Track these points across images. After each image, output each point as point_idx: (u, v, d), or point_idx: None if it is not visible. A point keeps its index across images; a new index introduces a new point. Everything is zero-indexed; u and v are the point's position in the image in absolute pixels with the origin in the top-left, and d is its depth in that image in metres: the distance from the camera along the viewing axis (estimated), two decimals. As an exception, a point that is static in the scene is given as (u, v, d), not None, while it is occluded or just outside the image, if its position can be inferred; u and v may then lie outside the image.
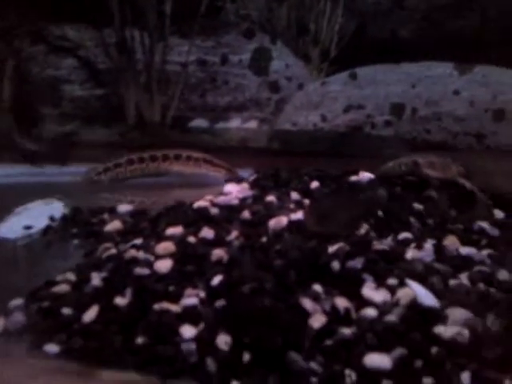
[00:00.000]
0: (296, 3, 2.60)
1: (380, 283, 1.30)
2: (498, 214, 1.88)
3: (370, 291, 1.26)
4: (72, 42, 2.51)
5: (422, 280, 1.30)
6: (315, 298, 1.25)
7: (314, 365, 1.07)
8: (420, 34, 2.38)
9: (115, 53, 2.50)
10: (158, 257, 1.46)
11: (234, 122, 2.56)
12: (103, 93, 2.52)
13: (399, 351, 1.09)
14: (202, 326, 1.17)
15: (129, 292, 1.28)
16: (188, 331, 1.15)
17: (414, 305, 1.20)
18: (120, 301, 1.26)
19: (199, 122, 2.55)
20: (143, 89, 2.49)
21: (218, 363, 1.08)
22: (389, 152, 2.27)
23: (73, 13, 2.34)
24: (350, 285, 1.30)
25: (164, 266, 1.41)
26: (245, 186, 2.09)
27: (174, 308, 1.22)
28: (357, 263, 1.40)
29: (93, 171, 2.23)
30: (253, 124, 2.59)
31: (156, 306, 1.22)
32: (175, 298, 1.26)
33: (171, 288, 1.30)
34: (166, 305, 1.23)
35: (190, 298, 1.25)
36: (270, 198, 1.93)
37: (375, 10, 2.43)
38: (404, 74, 2.34)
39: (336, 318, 1.19)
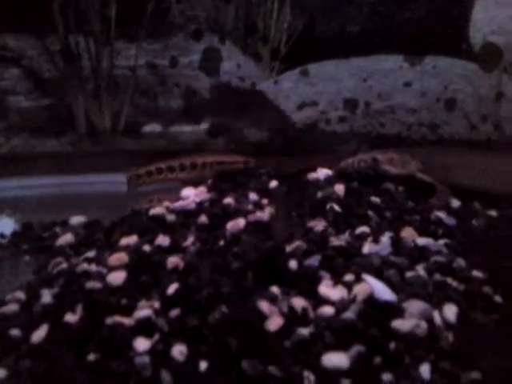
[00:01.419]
0: (243, 2, 2.58)
1: (337, 280, 1.30)
2: (455, 203, 1.90)
3: (326, 289, 1.25)
4: (14, 52, 2.43)
5: (379, 274, 1.30)
6: (272, 299, 1.23)
7: (272, 369, 1.04)
8: (368, 28, 2.39)
9: (60, 61, 2.42)
10: (111, 269, 1.42)
11: (188, 125, 2.53)
12: (50, 102, 2.45)
13: (357, 349, 1.08)
14: (156, 337, 1.14)
15: (80, 307, 1.23)
16: (142, 344, 1.11)
17: (371, 300, 1.19)
18: (70, 318, 1.21)
19: (152, 127, 2.50)
20: (92, 96, 2.43)
21: (173, 375, 1.05)
22: (345, 148, 2.28)
23: (12, 21, 2.26)
24: (307, 284, 1.29)
25: (117, 278, 1.37)
26: (202, 189, 2.05)
27: (127, 321, 1.18)
28: (314, 261, 1.39)
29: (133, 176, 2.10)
30: (207, 126, 2.55)
31: (108, 320, 1.18)
32: (128, 310, 1.22)
33: (124, 301, 1.26)
34: (118, 318, 1.18)
35: (144, 310, 1.21)
36: (228, 200, 1.90)
37: (323, 5, 2.43)
38: (355, 68, 2.34)
39: (293, 318, 1.17)
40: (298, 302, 1.21)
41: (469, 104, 2.18)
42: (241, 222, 1.68)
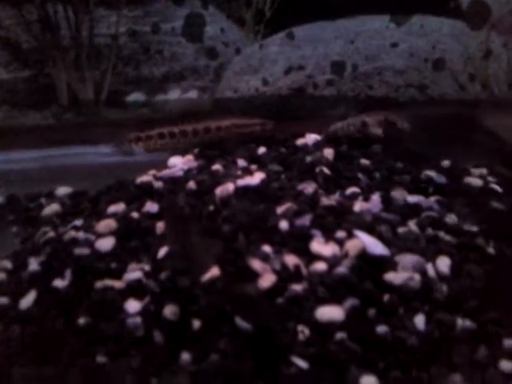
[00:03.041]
0: (225, -36, 2.51)
1: (328, 237, 1.28)
2: (445, 162, 1.89)
3: (318, 246, 1.24)
4: (-11, 22, 2.35)
5: (371, 230, 1.28)
6: (264, 258, 1.22)
7: (265, 325, 1.03)
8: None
9: (38, 30, 2.35)
10: (99, 235, 1.39)
11: (173, 93, 2.47)
12: (30, 74, 2.38)
13: (351, 302, 1.07)
14: (147, 299, 1.12)
15: (68, 273, 1.21)
16: (133, 306, 1.10)
17: (364, 255, 1.18)
18: (59, 283, 1.19)
19: (136, 96, 2.45)
20: (73, 66, 2.36)
21: (165, 335, 1.03)
22: (333, 112, 2.25)
23: (-15, -10, 2.19)
24: (298, 242, 1.27)
25: (106, 243, 1.35)
26: (189, 157, 2.02)
27: (118, 284, 1.17)
28: (305, 220, 1.37)
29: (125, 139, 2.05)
30: (193, 94, 2.50)
31: (98, 284, 1.16)
32: (118, 274, 1.20)
33: (113, 265, 1.24)
34: (108, 282, 1.17)
35: (134, 273, 1.20)
36: (216, 166, 1.87)
37: (307, -34, 2.38)
38: (341, 30, 2.30)
39: (286, 275, 1.16)
40: (291, 260, 1.20)
41: (457, 63, 2.15)
42: (230, 187, 1.65)
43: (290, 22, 2.40)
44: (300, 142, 2.09)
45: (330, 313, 1.04)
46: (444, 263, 1.18)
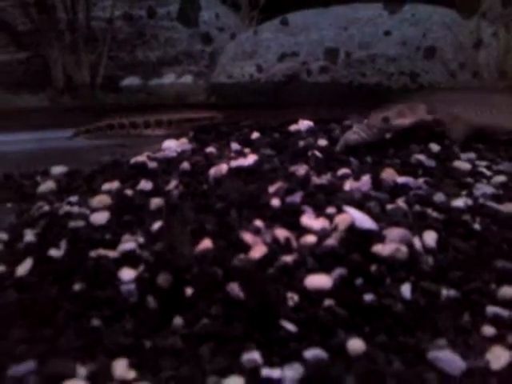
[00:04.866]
0: (221, -51, 2.53)
1: (319, 213, 1.31)
2: (435, 147, 1.92)
3: (308, 220, 1.27)
4: (-16, 4, 2.36)
5: (360, 206, 1.31)
6: (256, 231, 1.25)
7: (256, 291, 1.06)
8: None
9: (35, 13, 2.36)
10: (94, 210, 1.42)
11: (168, 78, 2.49)
12: (26, 56, 2.39)
13: (339, 271, 1.10)
14: (141, 268, 1.15)
15: (64, 243, 1.24)
16: (127, 274, 1.13)
17: (352, 228, 1.21)
18: (55, 252, 1.21)
19: (131, 80, 2.46)
20: (69, 49, 2.37)
21: (159, 300, 1.06)
22: (325, 99, 2.27)
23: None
24: (289, 217, 1.30)
25: (100, 217, 1.37)
26: (184, 140, 2.05)
27: (112, 254, 1.19)
28: (296, 197, 1.40)
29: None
30: (188, 78, 2.52)
31: (92, 253, 1.19)
32: (112, 244, 1.23)
33: (108, 236, 1.27)
34: (103, 251, 1.19)
35: (129, 243, 1.23)
36: (210, 149, 1.90)
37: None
38: (335, 17, 2.33)
39: (277, 247, 1.19)
40: (281, 233, 1.23)
41: (448, 52, 2.19)
42: (223, 168, 1.68)
43: (284, 9, 2.42)
44: (293, 127, 2.13)
45: (318, 281, 1.07)
46: (430, 237, 1.21)
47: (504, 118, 1.82)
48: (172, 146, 1.99)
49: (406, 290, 1.08)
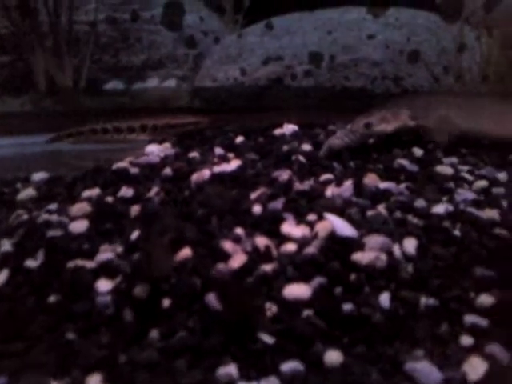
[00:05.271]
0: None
1: (300, 220, 1.31)
2: (418, 151, 1.92)
3: (289, 228, 1.26)
4: (-34, 7, 2.33)
5: (341, 213, 1.31)
6: (236, 240, 1.24)
7: (234, 302, 1.05)
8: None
9: (17, 16, 2.33)
10: (73, 218, 1.40)
11: (152, 82, 2.48)
12: (8, 60, 2.37)
13: (319, 280, 1.10)
14: (118, 278, 1.13)
15: (40, 253, 1.22)
16: (104, 285, 1.11)
17: (333, 236, 1.21)
18: (31, 263, 1.20)
19: (114, 84, 2.44)
20: (51, 53, 2.35)
21: (135, 312, 1.05)
22: (309, 103, 2.27)
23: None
24: (270, 225, 1.30)
25: (79, 226, 1.35)
26: (167, 145, 2.03)
27: (89, 264, 1.18)
28: (277, 204, 1.39)
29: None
30: (171, 82, 2.51)
31: (69, 264, 1.17)
32: (90, 254, 1.21)
33: (86, 246, 1.25)
34: (80, 262, 1.18)
35: (106, 253, 1.21)
36: (193, 154, 1.89)
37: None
38: (319, 21, 2.32)
39: (256, 256, 1.18)
40: (261, 241, 1.22)
41: (431, 56, 2.19)
42: (206, 174, 1.67)
43: (269, 12, 2.41)
44: (278, 132, 2.12)
45: (297, 290, 1.07)
46: (410, 244, 1.21)
47: (487, 123, 1.83)
48: (155, 150, 1.97)
49: (384, 299, 1.08)
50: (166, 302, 1.07)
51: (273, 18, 2.39)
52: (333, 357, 0.94)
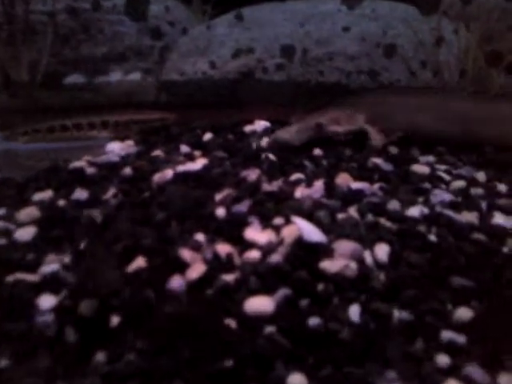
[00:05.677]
0: None
1: (266, 224, 1.21)
2: (393, 149, 1.85)
3: (253, 233, 1.17)
4: None
5: (309, 216, 1.22)
6: (196, 247, 1.14)
7: (190, 319, 0.95)
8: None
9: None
10: (20, 225, 1.29)
11: (115, 75, 2.35)
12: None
13: (283, 291, 1.01)
14: (63, 293, 1.03)
15: (-22, 266, 1.10)
16: (46, 301, 1.00)
17: (300, 242, 1.11)
18: (-32, 277, 1.08)
19: (75, 78, 2.31)
20: (6, 44, 2.21)
21: (79, 332, 0.94)
22: (282, 98, 2.18)
23: None
24: (233, 230, 1.20)
25: (25, 233, 1.25)
26: (129, 142, 1.92)
27: (32, 278, 1.06)
28: (242, 207, 1.30)
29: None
30: (136, 76, 2.39)
31: (9, 278, 1.06)
32: (33, 266, 1.10)
33: (30, 256, 1.14)
34: (20, 275, 1.06)
35: (51, 265, 1.10)
36: (157, 152, 1.78)
37: None
38: (291, 12, 2.22)
39: (217, 265, 1.08)
40: (223, 249, 1.12)
41: (408, 49, 2.11)
42: (168, 173, 1.56)
43: (239, 3, 2.30)
44: (248, 128, 2.02)
45: (259, 304, 0.97)
46: (382, 250, 1.13)
47: (457, 126, 1.78)
48: (116, 149, 1.86)
49: (354, 312, 0.99)
50: (115, 320, 0.96)
51: (243, 9, 2.28)
52: (296, 381, 0.85)
